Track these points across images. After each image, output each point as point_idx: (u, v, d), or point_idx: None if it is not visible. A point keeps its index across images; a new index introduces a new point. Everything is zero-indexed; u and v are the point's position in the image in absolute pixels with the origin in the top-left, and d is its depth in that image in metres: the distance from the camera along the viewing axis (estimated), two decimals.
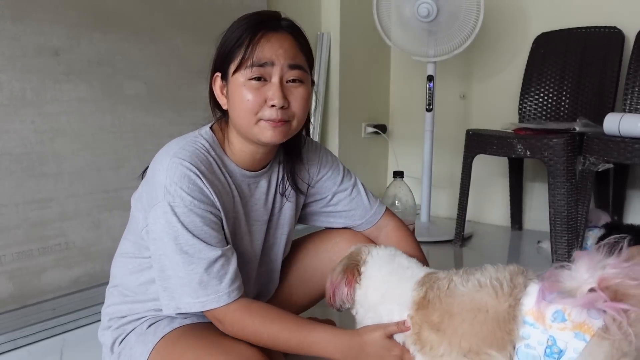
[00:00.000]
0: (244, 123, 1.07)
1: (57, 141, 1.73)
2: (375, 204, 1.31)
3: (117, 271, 1.20)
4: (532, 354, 0.90)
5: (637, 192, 2.45)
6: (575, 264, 0.87)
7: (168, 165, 1.04)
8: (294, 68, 1.06)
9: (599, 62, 2.39)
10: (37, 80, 1.68)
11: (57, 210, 1.73)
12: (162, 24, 2.01)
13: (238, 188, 1.14)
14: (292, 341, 1.04)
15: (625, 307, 0.82)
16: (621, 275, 0.83)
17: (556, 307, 0.88)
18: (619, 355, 0.82)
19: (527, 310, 0.91)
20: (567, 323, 0.87)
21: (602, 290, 0.84)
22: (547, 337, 0.88)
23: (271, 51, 1.04)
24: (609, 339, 0.83)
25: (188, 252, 1.02)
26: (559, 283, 0.87)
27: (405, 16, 2.45)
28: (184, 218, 1.02)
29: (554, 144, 2.07)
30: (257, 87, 1.04)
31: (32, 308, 1.64)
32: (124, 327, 1.16)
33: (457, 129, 2.77)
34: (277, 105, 1.04)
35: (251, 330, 1.04)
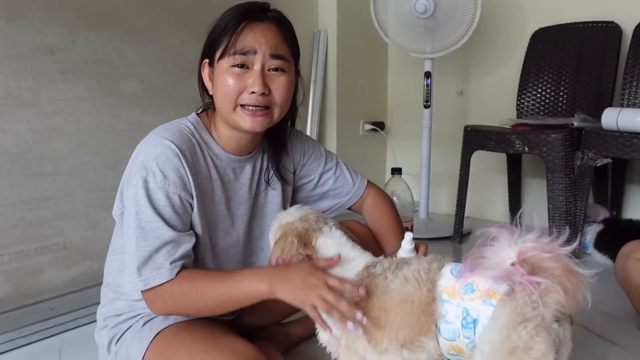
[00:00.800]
0: (225, 108, 1.10)
1: (53, 140, 1.73)
2: (357, 179, 1.37)
3: (109, 269, 1.21)
4: (452, 328, 0.94)
5: (635, 186, 2.45)
6: (497, 240, 0.90)
7: (150, 143, 1.06)
8: (276, 57, 1.09)
9: (596, 57, 2.38)
10: (33, 79, 1.68)
11: (55, 209, 1.73)
12: (158, 22, 2.00)
13: (222, 172, 1.16)
14: (218, 289, 1.01)
15: (538, 280, 0.85)
16: (537, 249, 0.87)
17: (466, 280, 0.93)
18: (521, 319, 0.85)
19: (443, 289, 0.95)
20: (475, 293, 0.92)
21: (520, 263, 0.87)
22: (462, 310, 0.93)
23: (254, 40, 1.07)
24: (511, 303, 0.87)
25: (144, 228, 1.02)
26: (483, 259, 0.90)
27: (403, 12, 2.44)
28: (151, 194, 1.03)
29: (552, 140, 2.07)
30: (239, 74, 1.08)
31: (30, 308, 1.64)
32: (119, 325, 1.16)
33: (455, 125, 2.76)
34: (257, 92, 1.07)
35: (179, 296, 1.02)
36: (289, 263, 1.04)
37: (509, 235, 0.89)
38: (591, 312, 1.69)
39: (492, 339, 0.88)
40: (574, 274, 0.86)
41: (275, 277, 0.99)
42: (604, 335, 1.53)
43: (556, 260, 0.87)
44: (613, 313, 1.68)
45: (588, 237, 2.19)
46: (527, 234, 0.89)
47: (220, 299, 1.02)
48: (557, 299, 0.86)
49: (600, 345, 1.48)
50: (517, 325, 0.85)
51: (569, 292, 0.85)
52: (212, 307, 1.03)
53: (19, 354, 1.48)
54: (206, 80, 1.15)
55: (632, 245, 1.56)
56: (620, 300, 1.64)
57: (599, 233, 2.17)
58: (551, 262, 0.87)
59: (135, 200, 1.03)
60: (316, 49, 2.78)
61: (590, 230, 2.19)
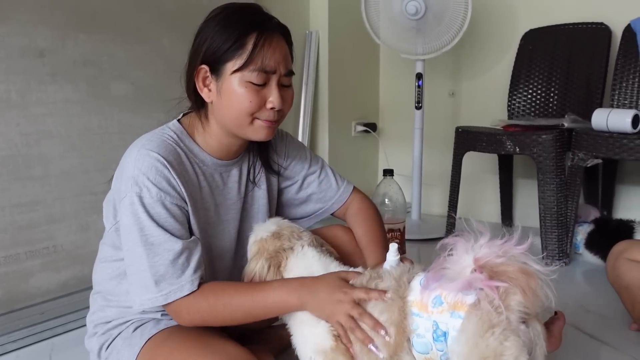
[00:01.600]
0: (238, 122, 1.10)
1: (43, 143, 1.71)
2: (343, 184, 1.36)
3: (97, 277, 1.20)
4: (424, 341, 0.94)
5: (625, 187, 2.46)
6: (455, 249, 0.90)
7: (136, 156, 1.05)
8: (289, 74, 1.13)
9: (586, 58, 2.40)
10: (22, 81, 1.66)
11: (44, 213, 1.72)
12: (148, 24, 1.99)
13: (209, 177, 1.15)
14: (246, 302, 1.03)
15: (496, 284, 0.85)
16: (491, 255, 0.87)
17: (435, 293, 0.93)
18: (487, 326, 0.85)
19: (412, 302, 0.96)
20: (444, 305, 0.92)
21: (479, 270, 0.87)
22: (432, 323, 0.93)
23: (274, 59, 1.08)
24: (476, 312, 0.87)
25: (153, 243, 1.02)
26: (444, 269, 0.90)
27: (394, 14, 2.45)
28: (150, 209, 1.03)
29: (542, 140, 2.08)
30: (257, 90, 1.08)
31: (20, 312, 1.63)
32: (110, 332, 1.15)
33: (446, 126, 2.77)
34: (276, 108, 1.09)
35: (206, 309, 1.03)
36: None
37: (464, 243, 0.90)
38: (582, 312, 1.70)
39: (460, 350, 0.88)
40: (530, 273, 0.86)
41: (304, 290, 1.02)
42: (595, 335, 1.54)
43: (509, 262, 0.87)
44: (604, 313, 1.69)
45: (579, 237, 2.20)
46: (480, 239, 0.89)
47: (248, 311, 1.03)
48: (518, 300, 0.86)
49: (592, 345, 1.49)
50: (484, 333, 0.85)
51: (528, 291, 0.85)
52: (239, 319, 1.05)
53: (8, 359, 1.46)
54: (200, 86, 1.11)
55: (623, 245, 1.57)
56: (612, 300, 1.65)
57: (589, 233, 2.18)
58: (505, 265, 0.87)
59: (136, 218, 1.02)
60: (307, 50, 2.78)
61: (581, 230, 2.20)
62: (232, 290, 1.04)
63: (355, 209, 1.34)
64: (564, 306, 0.99)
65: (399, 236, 2.13)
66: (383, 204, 2.15)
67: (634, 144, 1.86)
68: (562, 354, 1.35)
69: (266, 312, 1.04)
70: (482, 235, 0.89)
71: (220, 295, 1.04)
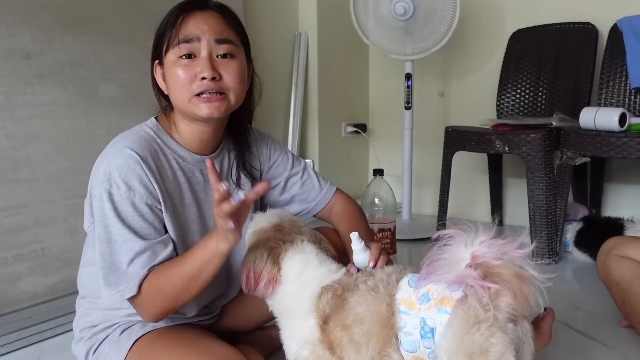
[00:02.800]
0: (180, 101, 1.09)
1: (30, 146, 1.70)
2: (325, 185, 1.35)
3: (83, 281, 1.20)
4: (412, 339, 0.94)
5: (614, 185, 2.48)
6: (453, 240, 0.90)
7: (111, 153, 1.06)
8: (222, 42, 1.08)
9: (574, 58, 2.42)
10: (8, 84, 1.64)
11: (32, 216, 1.70)
12: (136, 25, 1.98)
13: (189, 174, 1.14)
14: (183, 269, 1.00)
15: (488, 285, 0.85)
16: (490, 254, 0.87)
17: (422, 290, 0.93)
18: (473, 321, 0.85)
19: (400, 300, 0.96)
20: (431, 302, 0.92)
21: (475, 266, 0.87)
22: (419, 320, 0.93)
23: (196, 27, 1.07)
24: (463, 308, 0.87)
25: (117, 241, 1.02)
26: (439, 261, 0.90)
27: (382, 14, 2.45)
28: (117, 206, 1.03)
29: (531, 139, 2.09)
30: (187, 64, 1.07)
31: (7, 317, 1.61)
32: (96, 336, 1.14)
33: (436, 126, 2.78)
34: (207, 77, 1.06)
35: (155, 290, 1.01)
36: (259, 278, 1.03)
37: (464, 235, 0.89)
38: (572, 310, 1.71)
39: (447, 346, 0.88)
40: (524, 279, 0.86)
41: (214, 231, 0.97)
42: (585, 332, 1.55)
43: (506, 266, 0.87)
44: (594, 310, 1.70)
45: (568, 236, 2.21)
46: (481, 234, 0.89)
47: (188, 276, 1.00)
48: (507, 302, 0.86)
49: (582, 342, 1.50)
50: (470, 328, 0.85)
51: (519, 296, 0.85)
52: (186, 288, 1.01)
53: None
54: (160, 81, 1.13)
55: (613, 242, 1.57)
56: (602, 298, 1.66)
57: (578, 231, 2.19)
58: (501, 267, 0.87)
59: (103, 214, 1.03)
60: (297, 52, 2.78)
61: (570, 228, 2.21)
62: (168, 267, 1.02)
63: (339, 209, 1.33)
64: (553, 303, 0.99)
65: (389, 236, 2.13)
66: (373, 204, 2.15)
67: (621, 142, 1.87)
68: (552, 350, 1.36)
69: (203, 270, 1.00)
70: (483, 231, 0.89)
71: (159, 275, 1.01)
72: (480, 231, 0.89)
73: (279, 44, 2.72)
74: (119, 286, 1.02)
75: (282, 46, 2.74)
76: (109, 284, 1.02)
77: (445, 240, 0.91)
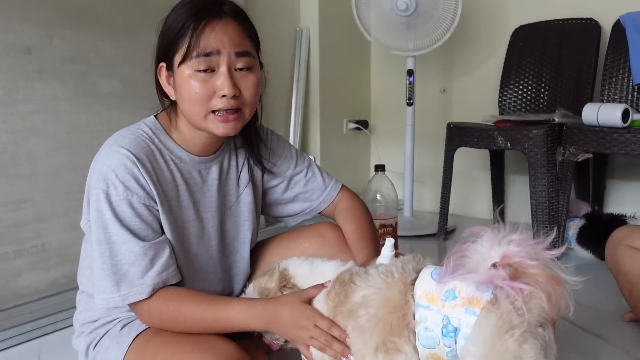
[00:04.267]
0: (195, 115, 1.05)
1: (30, 141, 1.69)
2: (330, 183, 1.32)
3: (82, 277, 1.19)
4: (431, 335, 0.91)
5: (616, 181, 2.47)
6: (481, 238, 0.87)
7: (106, 153, 1.04)
8: (241, 55, 1.04)
9: (576, 54, 2.40)
10: (8, 79, 1.64)
11: (32, 211, 1.70)
12: (136, 20, 1.98)
13: (187, 175, 1.12)
14: (208, 318, 1.02)
15: (521, 286, 0.83)
16: (522, 254, 0.84)
17: (447, 286, 0.90)
18: (507, 327, 0.82)
19: (421, 294, 0.92)
20: (457, 300, 0.89)
21: (503, 266, 0.84)
22: (442, 317, 0.90)
23: (216, 40, 1.01)
24: (496, 312, 0.84)
25: (116, 242, 1.01)
26: (464, 258, 0.87)
27: (384, 10, 2.44)
28: (115, 207, 1.01)
29: (533, 135, 2.08)
30: (205, 79, 1.02)
31: (8, 312, 1.61)
32: (96, 331, 1.14)
33: (438, 122, 2.77)
34: (228, 95, 1.02)
35: (167, 316, 1.03)
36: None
37: (493, 234, 0.86)
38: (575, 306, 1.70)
39: (476, 351, 0.84)
40: (559, 282, 0.84)
41: (267, 316, 1.01)
42: (588, 328, 1.54)
43: (541, 266, 0.84)
44: (596, 306, 1.69)
45: (570, 232, 2.20)
46: (511, 233, 0.86)
47: (209, 326, 1.03)
48: (540, 305, 0.83)
49: (584, 338, 1.49)
50: (504, 334, 0.82)
51: (553, 299, 0.83)
52: (200, 331, 1.04)
53: None
54: (165, 85, 1.09)
55: (624, 231, 1.54)
56: (605, 294, 1.65)
57: (581, 228, 2.18)
58: (537, 268, 0.84)
59: (101, 215, 1.01)
60: (298, 48, 2.77)
61: (573, 225, 2.20)
62: (195, 304, 1.03)
63: (344, 207, 1.31)
64: None
65: (391, 232, 2.12)
66: (375, 200, 2.14)
67: (624, 138, 1.86)
68: None
69: (227, 329, 1.04)
70: (512, 230, 0.86)
71: (182, 305, 1.03)
72: (510, 230, 0.87)
73: (280, 41, 2.72)
74: (121, 290, 1.01)
75: (283, 42, 2.73)
76: (108, 287, 1.01)
77: (473, 238, 0.87)
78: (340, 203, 1.32)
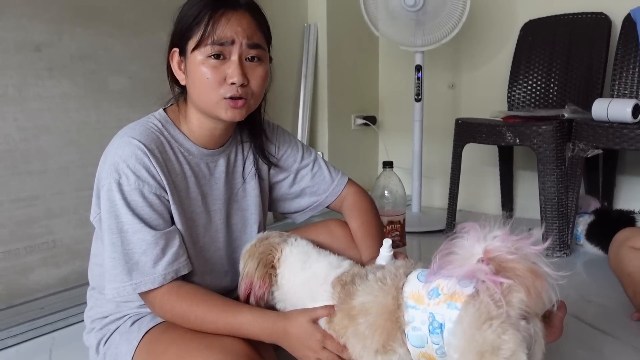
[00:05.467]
0: (205, 100, 1.08)
1: (41, 138, 1.71)
2: (337, 176, 1.32)
3: (92, 274, 1.20)
4: (419, 334, 0.92)
5: (626, 177, 2.45)
6: (467, 234, 0.88)
7: (117, 143, 1.05)
8: (253, 47, 1.07)
9: (586, 48, 2.38)
10: (18, 76, 1.65)
11: (43, 208, 1.71)
12: (145, 17, 1.98)
13: (195, 167, 1.14)
14: (219, 323, 1.04)
15: (501, 280, 0.84)
16: (504, 249, 0.85)
17: (432, 285, 0.91)
18: (485, 317, 0.83)
19: (409, 295, 0.94)
20: (440, 297, 0.90)
21: (487, 261, 0.85)
22: (428, 315, 0.91)
23: (231, 29, 1.05)
24: (474, 303, 0.85)
25: (127, 231, 1.02)
26: (451, 255, 0.88)
27: (392, 6, 2.44)
28: (127, 196, 1.03)
29: (543, 131, 2.07)
30: (216, 65, 1.05)
31: (20, 307, 1.63)
32: (107, 327, 1.15)
33: (446, 118, 2.76)
34: (237, 83, 1.05)
35: (179, 313, 1.05)
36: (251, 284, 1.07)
37: (477, 230, 0.88)
38: (583, 302, 1.69)
39: (457, 343, 0.86)
40: (539, 275, 0.84)
41: (276, 331, 1.03)
42: (596, 325, 1.53)
43: (520, 260, 0.85)
44: (605, 303, 1.68)
45: (580, 228, 2.19)
46: (496, 229, 0.87)
47: (218, 330, 1.05)
48: (520, 298, 0.84)
49: (593, 335, 1.49)
50: (482, 325, 0.83)
51: (532, 292, 0.83)
52: (208, 332, 1.05)
53: (9, 353, 1.46)
54: (176, 70, 1.12)
55: (626, 233, 1.55)
56: (612, 290, 1.64)
57: (590, 224, 2.17)
58: (514, 262, 0.85)
59: (113, 204, 1.03)
60: (306, 44, 2.77)
61: (582, 221, 2.19)
62: (208, 306, 1.05)
63: (351, 202, 1.31)
64: (565, 296, 0.98)
65: (399, 228, 2.12)
66: (383, 197, 2.14)
67: (634, 134, 1.85)
68: (562, 344, 1.34)
69: (237, 336, 1.05)
70: (498, 226, 0.87)
71: (195, 305, 1.04)
72: (495, 226, 0.88)
73: (289, 36, 2.71)
74: (133, 279, 1.02)
75: (291, 38, 2.73)
76: (120, 275, 1.02)
77: (459, 233, 0.89)
78: (347, 197, 1.32)
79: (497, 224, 0.88)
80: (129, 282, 1.02)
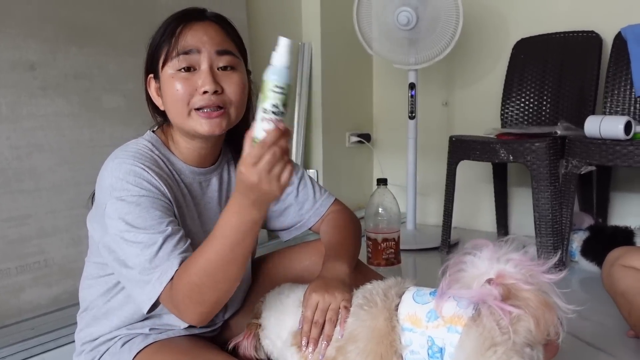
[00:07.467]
0: (178, 115, 1.05)
1: (34, 157, 1.70)
2: (322, 196, 1.27)
3: (85, 294, 1.17)
4: (418, 358, 0.89)
5: (620, 193, 2.46)
6: (480, 252, 0.86)
7: (111, 167, 1.02)
8: (222, 54, 1.05)
9: (578, 66, 2.41)
10: (12, 95, 1.65)
11: (36, 227, 1.70)
12: (140, 36, 1.96)
13: (189, 187, 1.12)
14: (216, 246, 0.92)
15: (510, 309, 0.81)
16: (518, 276, 0.83)
17: (429, 307, 0.89)
18: (489, 344, 0.81)
19: (404, 317, 0.91)
20: (439, 320, 0.88)
21: (496, 284, 0.83)
22: (427, 339, 0.88)
23: (195, 38, 1.03)
24: (477, 328, 0.82)
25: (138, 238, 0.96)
26: (460, 272, 0.86)
27: (386, 24, 2.46)
28: (132, 202, 0.97)
29: (536, 148, 2.08)
30: (187, 77, 1.03)
31: (10, 328, 1.60)
32: (97, 348, 1.13)
33: (440, 135, 2.77)
34: (209, 91, 1.02)
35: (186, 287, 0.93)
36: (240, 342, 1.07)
37: (492, 249, 0.85)
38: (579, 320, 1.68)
39: None
40: (551, 308, 0.83)
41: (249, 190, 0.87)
42: (593, 342, 1.52)
43: (535, 292, 0.83)
44: (601, 320, 1.67)
45: (574, 245, 2.19)
46: (511, 251, 0.85)
47: (227, 253, 0.91)
48: (527, 327, 0.82)
49: (589, 353, 1.48)
50: (486, 351, 0.80)
51: (541, 324, 0.82)
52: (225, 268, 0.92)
53: None
54: (154, 96, 1.10)
55: (618, 252, 1.56)
56: (609, 307, 1.63)
57: (585, 240, 2.17)
58: (529, 292, 0.83)
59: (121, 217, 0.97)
60: (300, 62, 2.79)
61: (577, 237, 2.19)
62: (198, 252, 0.94)
63: (328, 220, 1.25)
64: None
65: (393, 246, 2.11)
66: (377, 214, 2.13)
67: (627, 151, 1.86)
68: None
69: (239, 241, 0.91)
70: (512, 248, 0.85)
71: (187, 266, 0.94)
72: (509, 247, 0.85)
73: None
74: (154, 274, 0.95)
75: None
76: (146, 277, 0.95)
77: (470, 249, 0.86)
78: (328, 217, 1.27)
79: (512, 247, 0.85)
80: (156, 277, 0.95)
